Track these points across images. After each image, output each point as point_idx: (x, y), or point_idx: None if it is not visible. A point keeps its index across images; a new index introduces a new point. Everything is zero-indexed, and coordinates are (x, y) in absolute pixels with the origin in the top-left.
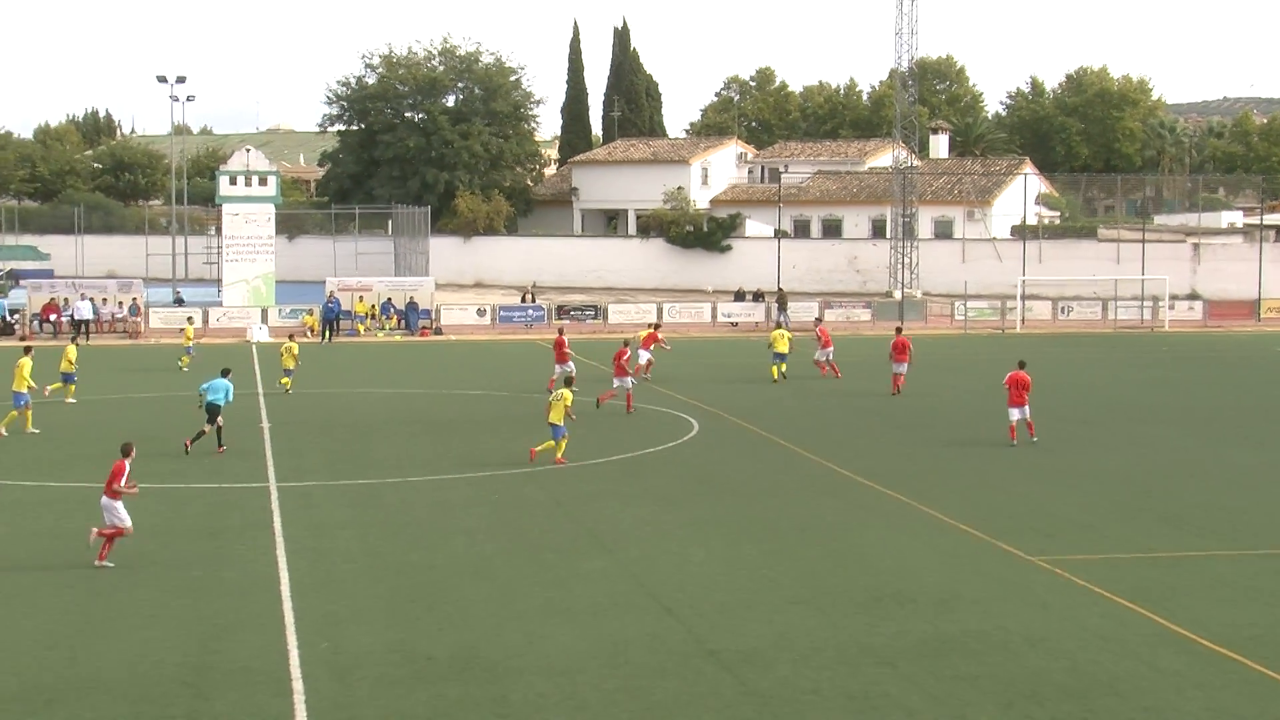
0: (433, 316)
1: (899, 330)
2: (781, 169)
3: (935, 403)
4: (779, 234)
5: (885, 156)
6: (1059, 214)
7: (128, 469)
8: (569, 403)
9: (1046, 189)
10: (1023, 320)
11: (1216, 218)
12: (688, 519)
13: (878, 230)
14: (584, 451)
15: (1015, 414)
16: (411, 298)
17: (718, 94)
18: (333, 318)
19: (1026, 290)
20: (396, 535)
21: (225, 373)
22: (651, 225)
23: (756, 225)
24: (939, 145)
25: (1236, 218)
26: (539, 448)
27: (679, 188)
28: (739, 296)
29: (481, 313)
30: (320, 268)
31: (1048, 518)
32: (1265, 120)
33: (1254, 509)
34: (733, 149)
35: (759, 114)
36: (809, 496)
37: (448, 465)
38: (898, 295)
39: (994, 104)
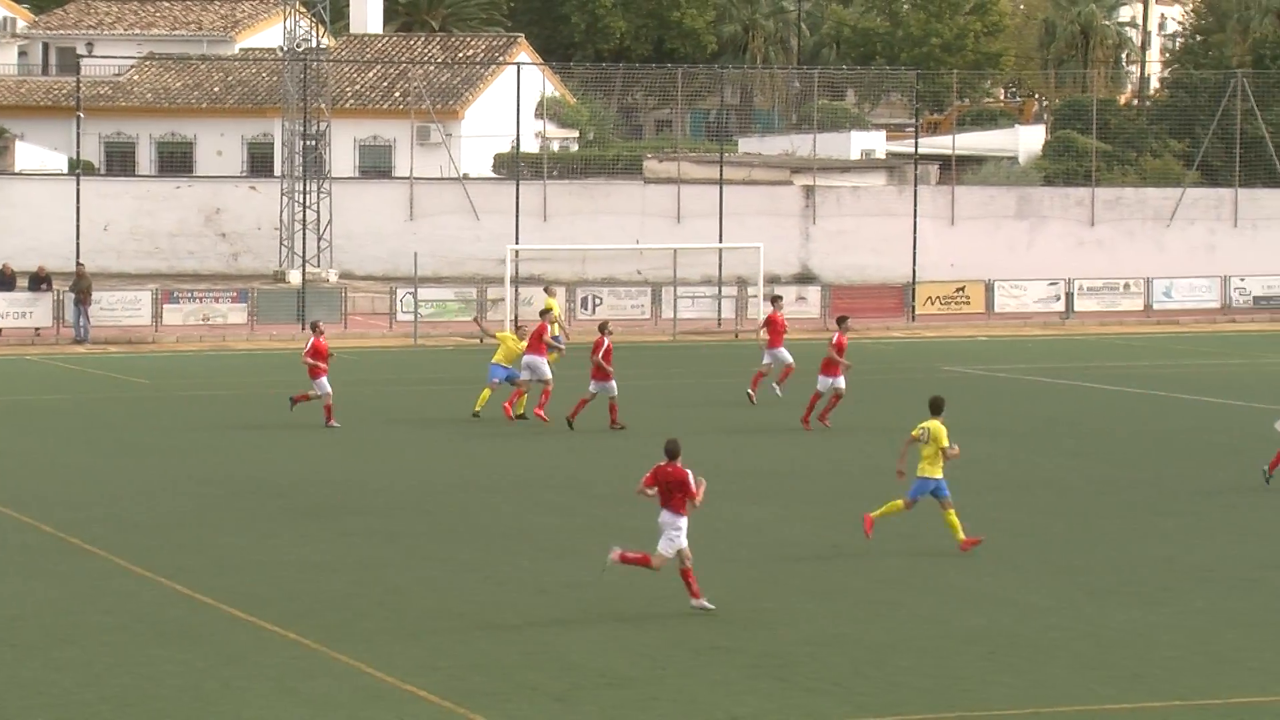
0: None
1: (842, 324)
2: (81, 49)
3: (363, 471)
4: (78, 168)
5: (271, 30)
6: (578, 134)
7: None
8: (943, 442)
9: (557, 91)
10: (515, 320)
11: (844, 142)
12: None
13: (259, 163)
14: None
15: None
16: None
17: None
18: None
19: (523, 270)
20: None
21: None
22: None
23: (36, 152)
24: (369, 12)
25: (877, 142)
26: (878, 512)
27: None
28: (2, 282)
29: None
30: None
31: (569, 668)
32: None
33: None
34: None
35: None
36: (135, 645)
37: None
38: (295, 279)
39: None
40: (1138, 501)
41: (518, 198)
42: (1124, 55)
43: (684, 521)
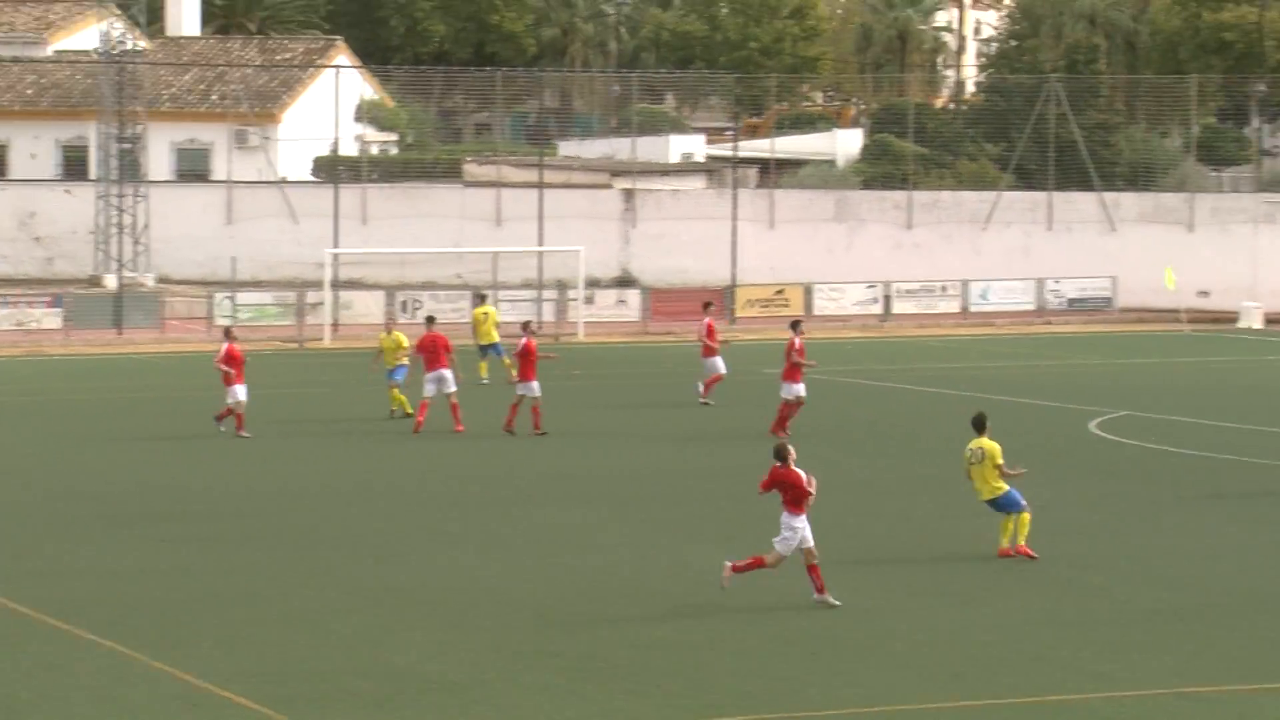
0: None
1: (796, 328)
2: None
3: (181, 478)
4: None
5: (86, 32)
6: (397, 137)
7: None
8: (999, 459)
9: (376, 94)
10: (335, 324)
11: (663, 146)
12: None
13: (74, 166)
14: None
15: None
16: None
17: None
18: None
19: (342, 274)
20: None
21: None
22: None
23: None
24: (185, 14)
25: (696, 146)
26: (1008, 541)
27: None
28: None
29: None
30: None
31: (392, 674)
32: None
33: None
34: None
35: None
36: None
37: None
38: (111, 283)
39: None
40: (954, 503)
41: (336, 201)
42: (940, 60)
43: (800, 521)
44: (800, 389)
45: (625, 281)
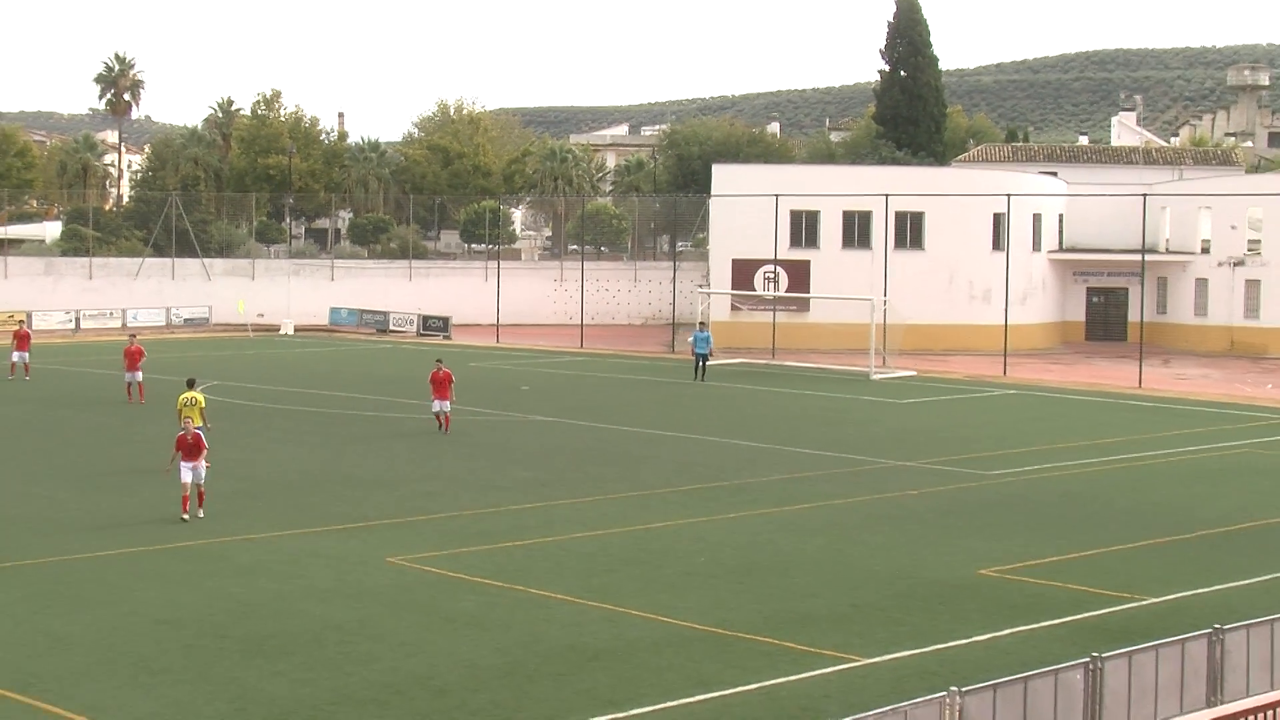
0: None
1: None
2: None
3: None
4: None
5: None
6: None
7: None
8: (203, 405)
9: None
10: None
11: None
12: None
13: None
14: None
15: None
16: None
17: None
18: None
19: None
20: None
21: None
22: None
23: None
24: None
25: None
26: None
27: None
28: None
29: None
30: None
31: None
32: None
33: None
34: None
35: None
36: None
37: None
38: None
39: None
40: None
41: None
42: (108, 181)
43: (188, 465)
44: None
45: None
